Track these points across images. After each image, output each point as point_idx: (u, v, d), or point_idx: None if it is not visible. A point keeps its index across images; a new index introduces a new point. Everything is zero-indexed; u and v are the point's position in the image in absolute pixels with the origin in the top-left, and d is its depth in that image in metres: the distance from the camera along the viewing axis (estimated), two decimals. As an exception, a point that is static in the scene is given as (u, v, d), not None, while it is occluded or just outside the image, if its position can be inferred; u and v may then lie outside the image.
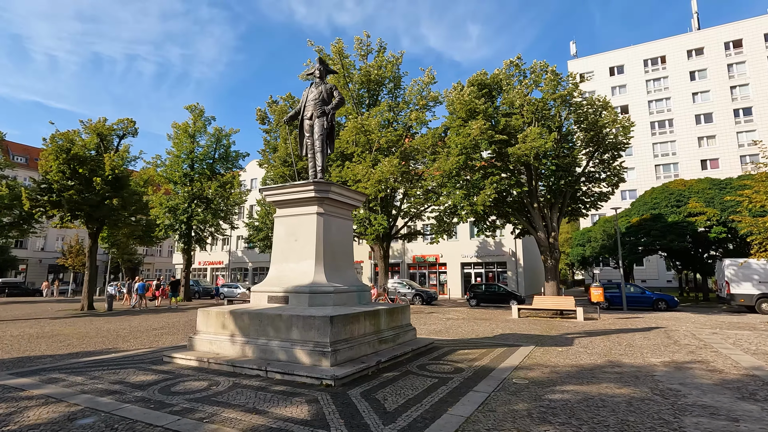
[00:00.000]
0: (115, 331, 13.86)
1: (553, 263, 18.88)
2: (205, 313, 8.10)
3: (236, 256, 50.96)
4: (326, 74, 9.98)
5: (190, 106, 31.91)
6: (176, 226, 30.61)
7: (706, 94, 52.32)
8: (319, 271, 8.16)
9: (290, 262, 8.49)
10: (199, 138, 32.14)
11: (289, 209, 8.73)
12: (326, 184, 8.33)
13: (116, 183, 23.94)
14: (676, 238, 25.15)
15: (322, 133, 9.23)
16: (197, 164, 31.90)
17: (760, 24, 50.83)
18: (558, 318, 17.04)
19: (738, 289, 20.03)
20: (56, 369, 7.47)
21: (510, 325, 14.83)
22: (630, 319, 16.95)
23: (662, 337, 11.76)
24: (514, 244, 34.86)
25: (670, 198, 27.29)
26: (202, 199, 30.81)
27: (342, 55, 22.29)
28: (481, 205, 16.40)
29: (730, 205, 24.94)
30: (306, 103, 9.58)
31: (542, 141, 15.79)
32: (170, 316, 19.36)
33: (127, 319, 17.73)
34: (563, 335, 12.13)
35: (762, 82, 49.81)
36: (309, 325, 6.84)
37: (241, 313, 7.61)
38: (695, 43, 53.76)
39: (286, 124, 10.17)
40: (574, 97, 17.62)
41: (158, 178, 30.89)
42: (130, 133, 25.65)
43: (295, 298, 7.91)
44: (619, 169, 18.97)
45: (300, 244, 8.44)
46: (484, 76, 20.88)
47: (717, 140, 51.04)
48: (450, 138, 17.89)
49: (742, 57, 51.23)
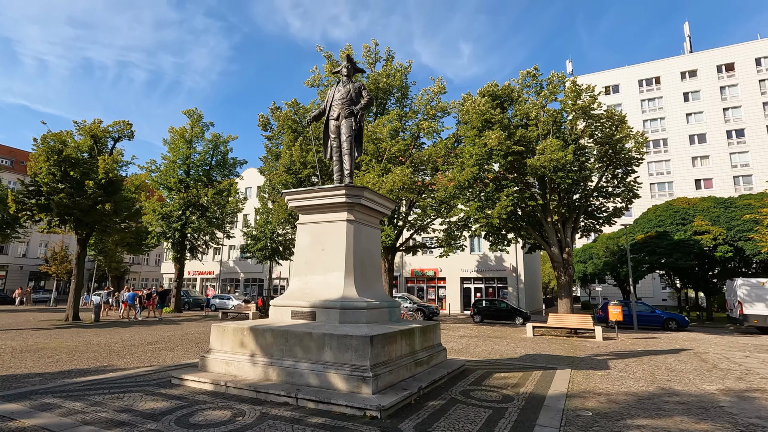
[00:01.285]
0: (106, 345, 12.78)
1: (567, 279, 18.31)
2: (221, 329, 7.24)
3: (228, 266, 49.57)
4: (354, 72, 9.34)
5: (188, 110, 31.09)
6: (169, 233, 29.47)
7: (700, 115, 53.19)
8: (349, 284, 7.38)
9: (316, 273, 7.70)
10: (196, 144, 31.25)
11: (315, 215, 7.97)
12: (359, 188, 7.61)
13: (109, 187, 22.86)
14: (682, 257, 24.85)
15: (351, 134, 8.55)
16: (193, 170, 30.94)
17: (751, 49, 52.12)
18: (574, 337, 16.37)
19: (751, 309, 19.65)
20: (48, 392, 6.51)
21: (528, 344, 14.11)
22: (649, 339, 16.36)
23: (696, 360, 11.14)
24: (515, 260, 34.35)
25: (675, 216, 27.11)
26: (197, 207, 29.77)
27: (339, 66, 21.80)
28: (497, 217, 15.82)
29: (737, 224, 24.81)
30: (332, 103, 8.92)
31: (562, 153, 15.35)
32: (163, 328, 18.22)
33: (117, 332, 16.57)
34: (592, 357, 11.45)
35: (754, 105, 50.83)
36: (345, 345, 6.04)
37: (263, 330, 6.77)
38: (689, 66, 54.85)
39: (308, 125, 9.45)
40: (594, 109, 17.31)
41: (152, 183, 29.81)
42: (126, 136, 24.70)
43: (324, 313, 7.10)
44: (633, 184, 18.63)
45: (327, 253, 7.66)
46: (496, 88, 20.54)
47: (711, 160, 51.72)
48: (464, 148, 17.38)
49: (734, 80, 52.34)
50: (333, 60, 21.88)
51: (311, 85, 23.73)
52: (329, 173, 21.18)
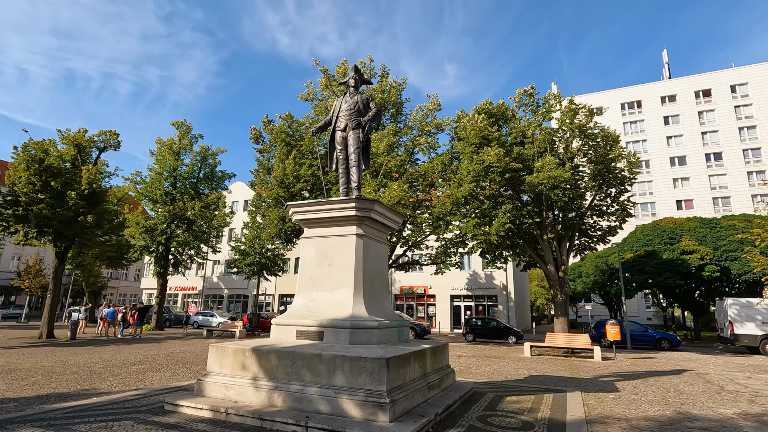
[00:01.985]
0: (86, 365, 11.96)
1: (564, 298, 18.18)
2: (219, 350, 6.73)
3: (211, 282, 48.21)
4: (361, 84, 9.14)
5: (177, 122, 30.49)
6: (152, 247, 28.48)
7: (680, 138, 54.93)
8: (359, 301, 6.99)
9: (322, 290, 7.29)
10: (184, 156, 30.58)
11: (322, 229, 7.61)
12: (369, 201, 7.30)
13: (92, 198, 22.03)
14: (671, 276, 25.09)
15: (358, 145, 8.28)
16: (180, 183, 30.19)
17: (726, 76, 54.42)
18: (573, 357, 16.14)
19: (742, 329, 19.80)
20: (27, 420, 5.88)
21: (528, 364, 13.79)
22: (646, 359, 16.24)
23: (701, 382, 10.97)
24: (505, 278, 34.26)
25: (663, 235, 27.50)
26: (183, 220, 28.92)
27: (346, 77, 21.75)
28: (495, 234, 15.66)
29: (723, 244, 25.26)
30: (339, 114, 8.66)
31: (560, 171, 15.40)
32: (145, 347, 17.30)
33: (95, 351, 15.64)
34: (597, 378, 11.18)
35: (730, 129, 52.78)
36: (359, 368, 5.63)
37: (267, 351, 6.30)
38: (668, 91, 56.87)
39: (313, 135, 9.16)
40: (590, 128, 17.53)
41: (137, 195, 28.92)
42: (112, 146, 23.96)
43: (332, 333, 6.68)
44: (626, 203, 18.81)
45: (335, 269, 7.28)
46: (490, 105, 20.70)
47: (691, 182, 53.19)
48: (461, 164, 17.32)
49: (711, 105, 54.39)
50: (329, 74, 21.80)
51: (305, 99, 23.57)
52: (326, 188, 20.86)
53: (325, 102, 23.00)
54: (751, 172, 51.06)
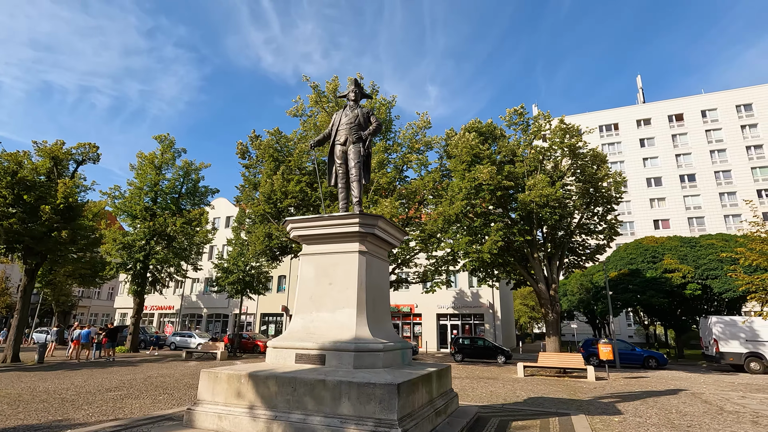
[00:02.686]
0: (56, 392, 11.08)
1: (555, 317, 18.09)
2: (212, 376, 6.24)
3: (190, 300, 46.59)
4: (361, 98, 8.97)
5: (160, 136, 29.82)
6: (130, 264, 27.34)
7: (655, 160, 56.84)
8: (362, 323, 6.63)
9: (323, 310, 6.91)
10: (165, 170, 29.81)
11: (322, 245, 7.27)
12: (373, 217, 7.03)
13: (68, 213, 21.04)
14: (655, 294, 25.43)
15: (359, 160, 8.04)
16: (161, 198, 29.31)
17: (697, 102, 56.98)
18: (566, 377, 15.94)
19: (727, 347, 20.04)
20: (-8, 459, 5.26)
21: (524, 385, 13.50)
22: (638, 379, 16.17)
23: (699, 402, 10.88)
24: (492, 296, 34.16)
25: (646, 254, 27.98)
26: (164, 236, 27.95)
27: (336, 95, 21.69)
28: (487, 252, 15.55)
29: (704, 263, 25.82)
30: (339, 127, 8.44)
31: (552, 189, 15.51)
32: (120, 371, 16.30)
33: (66, 376, 14.62)
34: (596, 399, 10.97)
35: (702, 152, 54.96)
36: (367, 395, 5.24)
37: (265, 377, 5.85)
38: (643, 114, 59.09)
39: (311, 149, 8.89)
40: (580, 148, 17.83)
41: (115, 210, 27.87)
42: (92, 159, 23.12)
43: (335, 357, 6.28)
44: (614, 222, 19.06)
45: (336, 288, 6.92)
46: (480, 124, 20.92)
47: (667, 202, 54.85)
48: (453, 182, 17.29)
49: (684, 129, 56.68)
50: (319, 90, 21.70)
51: (294, 115, 23.36)
52: (314, 205, 20.47)
53: (314, 118, 22.85)
54: (722, 193, 53.04)
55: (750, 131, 54.02)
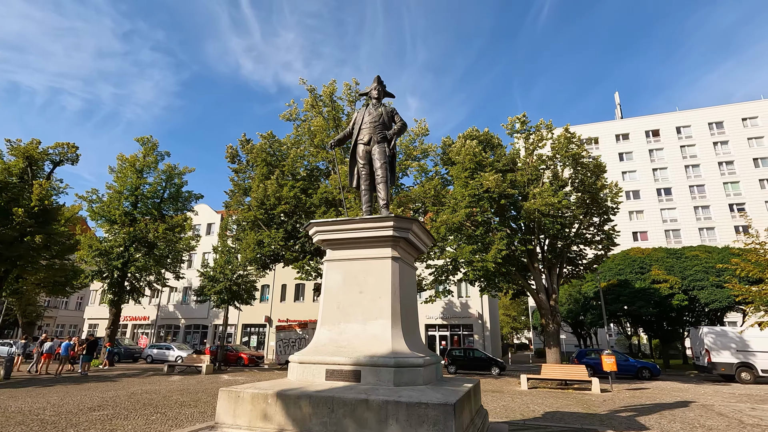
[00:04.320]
0: (33, 412, 10.00)
1: (556, 327, 17.90)
2: (233, 395, 5.55)
3: (166, 311, 44.59)
4: (384, 96, 8.52)
5: (142, 138, 28.58)
6: (106, 272, 25.82)
7: (634, 174, 58.49)
8: (397, 335, 6.08)
9: (352, 321, 6.32)
10: (147, 174, 28.54)
11: (351, 251, 6.70)
12: (408, 220, 6.52)
13: (42, 216, 19.72)
14: (644, 305, 25.71)
15: (386, 160, 7.55)
16: (142, 203, 27.97)
17: (673, 118, 59.19)
18: (570, 389, 15.67)
19: (718, 357, 20.26)
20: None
21: (533, 398, 13.11)
22: (640, 390, 16.07)
23: (714, 415, 10.72)
24: (481, 306, 33.95)
25: (634, 265, 28.35)
26: (144, 243, 26.60)
27: (332, 99, 21.24)
28: (492, 261, 15.25)
29: (690, 274, 26.31)
30: (361, 126, 7.95)
31: (556, 198, 15.41)
32: (99, 387, 15.08)
33: (39, 393, 13.37)
34: (614, 413, 10.67)
35: (678, 167, 56.94)
36: (418, 416, 4.69)
37: (296, 396, 5.22)
38: (622, 129, 60.92)
39: (331, 149, 8.36)
40: (583, 157, 17.88)
41: (92, 215, 26.38)
42: (70, 159, 21.85)
43: (372, 373, 5.69)
44: (612, 232, 19.15)
45: (367, 297, 6.36)
46: (477, 132, 20.79)
47: (645, 215, 56.37)
48: (455, 190, 17.01)
49: (660, 144, 58.67)
50: (315, 94, 21.17)
51: (287, 119, 22.78)
52: (309, 211, 19.78)
53: (308, 122, 22.28)
54: (697, 206, 54.93)
55: (722, 148, 56.35)
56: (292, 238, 21.13)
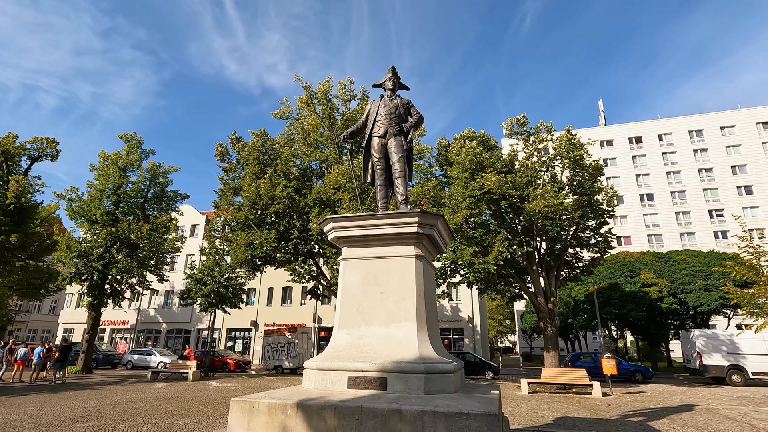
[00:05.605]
0: (9, 425, 9.19)
1: (554, 331, 17.73)
2: (246, 406, 5.04)
3: (147, 315, 43.08)
4: (398, 88, 8.13)
5: (125, 135, 27.50)
6: (86, 275, 24.62)
7: (617, 180, 59.49)
8: (424, 338, 5.66)
9: (373, 324, 5.88)
10: (130, 172, 27.45)
11: (371, 249, 6.26)
12: (434, 216, 6.13)
13: (18, 215, 18.63)
14: (635, 308, 25.90)
15: (403, 154, 7.16)
16: (124, 202, 26.84)
17: (654, 125, 60.60)
18: (570, 393, 15.49)
19: (710, 360, 20.46)
20: None
21: (537, 403, 12.84)
22: (641, 394, 16.00)
23: (723, 419, 10.62)
24: (472, 310, 33.77)
25: (624, 269, 28.61)
26: (126, 244, 25.51)
27: (327, 97, 20.76)
28: (493, 263, 15.00)
29: (678, 277, 26.64)
30: (376, 118, 7.53)
31: (558, 200, 15.29)
32: (79, 396, 14.17)
33: (15, 403, 12.44)
34: (623, 418, 10.45)
35: (660, 173, 58.23)
36: (459, 428, 4.27)
37: (319, 407, 4.74)
38: (606, 136, 62.04)
39: (344, 141, 7.90)
40: (583, 159, 17.84)
41: (71, 214, 25.16)
42: (50, 155, 20.79)
43: (400, 380, 5.25)
44: (608, 235, 19.17)
45: (390, 298, 5.93)
46: (474, 133, 20.62)
47: (628, 220, 57.38)
48: (455, 191, 16.72)
49: (643, 151, 59.94)
50: (311, 91, 20.66)
51: (280, 117, 22.20)
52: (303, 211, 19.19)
53: (302, 121, 21.74)
54: (678, 212, 56.23)
55: (701, 155, 57.90)
56: (285, 239, 20.50)
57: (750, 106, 58.54)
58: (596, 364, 21.79)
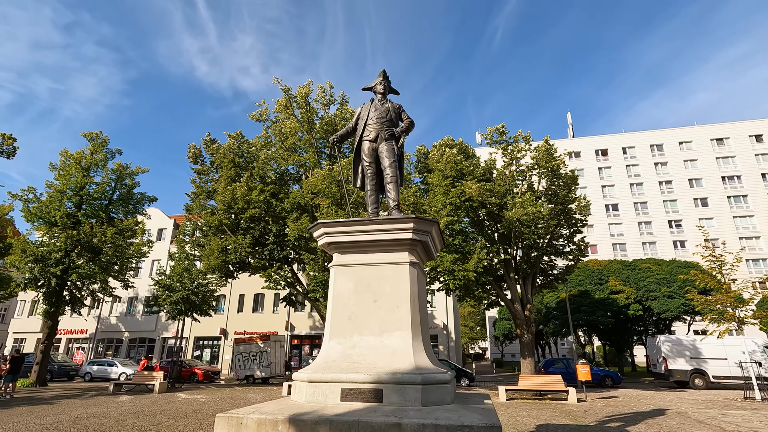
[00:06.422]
0: (-45, 447, 8.36)
1: (530, 338, 17.95)
2: (233, 422, 4.72)
3: (108, 323, 40.92)
4: (389, 92, 8.02)
5: (90, 133, 26.17)
6: (42, 280, 23.11)
7: (584, 190, 61.61)
8: (419, 348, 5.51)
9: (366, 333, 5.67)
10: (94, 173, 26.09)
11: (363, 255, 6.08)
12: (430, 222, 6.02)
13: (-32, 216, 17.27)
14: (604, 314, 26.69)
15: (395, 158, 7.04)
16: (87, 204, 25.43)
17: (619, 139, 63.31)
18: (546, 399, 15.67)
19: (674, 365, 21.26)
20: None
21: (517, 410, 12.88)
22: (614, 399, 16.39)
23: (695, 422, 10.96)
24: (446, 317, 33.92)
25: (593, 276, 29.49)
26: (88, 248, 24.15)
27: (307, 101, 20.46)
28: (473, 271, 15.06)
29: (644, 285, 27.69)
30: (366, 122, 7.38)
31: (536, 208, 15.57)
32: (33, 411, 13.14)
33: (-40, 422, 11.37)
34: (602, 423, 10.63)
35: (624, 185, 60.79)
36: (462, 442, 4.14)
37: (313, 422, 4.49)
38: (574, 147, 64.24)
39: (334, 144, 7.71)
40: (560, 169, 18.27)
41: (27, 216, 23.60)
42: (6, 153, 19.44)
43: (396, 392, 5.06)
44: (581, 243, 19.69)
45: (383, 306, 5.75)
46: (452, 141, 20.82)
47: (594, 229, 59.42)
48: (436, 198, 16.75)
49: (608, 163, 62.47)
50: (290, 94, 20.29)
51: (257, 120, 21.74)
52: (281, 216, 18.70)
53: (280, 123, 21.34)
54: (641, 222, 58.79)
55: (662, 168, 60.89)
56: (260, 244, 19.93)
57: (703, 124, 62.25)
58: (568, 370, 22.27)
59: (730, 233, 52.87)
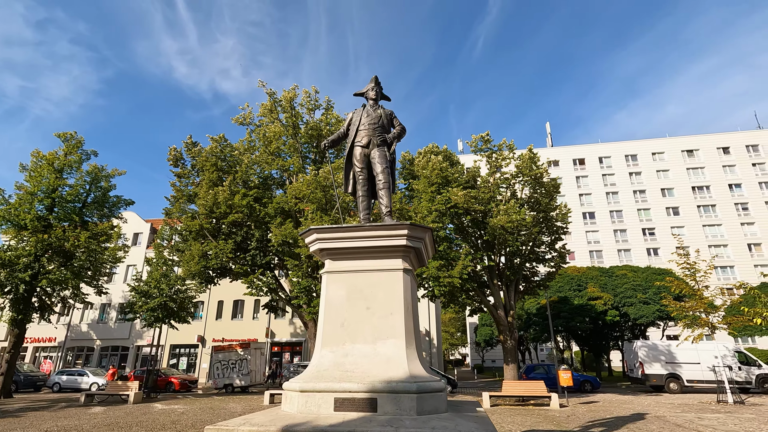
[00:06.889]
0: None
1: (513, 344, 18.11)
2: (222, 435, 4.56)
3: (78, 331, 39.33)
4: (381, 98, 8.02)
5: (64, 134, 25.30)
6: (9, 286, 22.08)
7: (563, 198, 63.05)
8: (413, 356, 5.45)
9: (359, 341, 5.59)
10: (67, 175, 25.20)
11: (356, 262, 6.00)
12: (423, 229, 5.99)
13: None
14: (582, 320, 27.21)
15: (387, 165, 7.03)
16: (59, 207, 24.49)
17: (596, 149, 65.10)
18: (531, 405, 15.80)
19: (651, 369, 21.81)
20: None
21: (502, 416, 12.94)
22: (595, 404, 16.64)
23: (673, 426, 11.23)
24: (428, 323, 33.96)
25: (572, 283, 30.07)
26: (60, 253, 23.23)
27: (292, 105, 20.30)
28: (458, 277, 15.13)
29: (621, 291, 28.38)
30: (358, 128, 7.36)
31: (520, 216, 15.79)
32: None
33: None
34: (586, 429, 10.76)
35: (600, 193, 62.46)
36: (460, 453, 4.11)
37: (306, 434, 4.38)
38: (553, 156, 65.69)
39: (325, 149, 7.63)
40: (542, 177, 18.59)
41: (-5, 219, 22.55)
42: (-27, 152, 18.46)
43: (391, 401, 4.98)
44: (563, 251, 20.06)
45: (376, 314, 5.68)
46: (437, 149, 20.97)
47: (572, 236, 60.56)
48: (421, 204, 16.78)
49: (585, 172, 64.11)
50: (275, 98, 20.09)
51: (240, 123, 21.44)
52: (264, 221, 18.41)
53: (264, 128, 21.09)
54: (616, 230, 60.43)
55: (636, 178, 62.87)
56: (242, 250, 19.55)
57: (675, 135, 64.71)
58: (548, 375, 22.56)
59: (700, 241, 54.85)
